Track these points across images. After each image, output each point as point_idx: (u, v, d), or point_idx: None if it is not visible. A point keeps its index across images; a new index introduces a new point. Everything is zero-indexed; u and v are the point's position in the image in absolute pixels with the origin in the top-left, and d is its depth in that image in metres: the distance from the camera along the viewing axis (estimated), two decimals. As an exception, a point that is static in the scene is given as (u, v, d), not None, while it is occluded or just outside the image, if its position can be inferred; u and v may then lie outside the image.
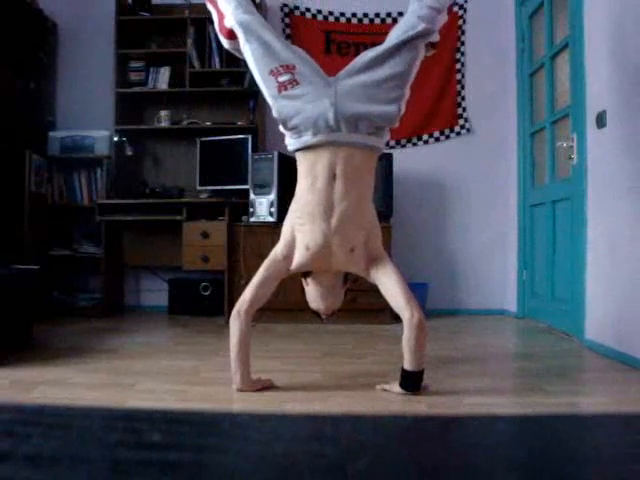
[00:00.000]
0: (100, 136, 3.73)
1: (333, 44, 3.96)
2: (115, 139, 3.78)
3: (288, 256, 1.88)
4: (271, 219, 3.36)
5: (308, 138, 1.82)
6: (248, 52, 1.91)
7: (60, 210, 3.78)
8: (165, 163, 4.02)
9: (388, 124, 1.86)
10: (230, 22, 1.95)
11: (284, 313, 3.28)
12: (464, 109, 3.93)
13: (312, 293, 1.98)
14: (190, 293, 3.72)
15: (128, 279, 4.02)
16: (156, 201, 3.61)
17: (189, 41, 3.76)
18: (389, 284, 1.85)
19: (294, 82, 1.82)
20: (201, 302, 3.70)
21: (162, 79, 3.85)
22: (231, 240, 3.46)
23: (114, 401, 1.75)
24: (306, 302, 2.03)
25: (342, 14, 3.99)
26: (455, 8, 3.93)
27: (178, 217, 3.51)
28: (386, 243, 3.38)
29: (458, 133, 3.93)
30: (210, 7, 2.08)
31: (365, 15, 3.98)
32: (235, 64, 3.75)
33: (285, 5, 3.97)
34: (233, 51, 2.05)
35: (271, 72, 1.85)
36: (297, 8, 3.98)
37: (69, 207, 3.78)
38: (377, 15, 3.97)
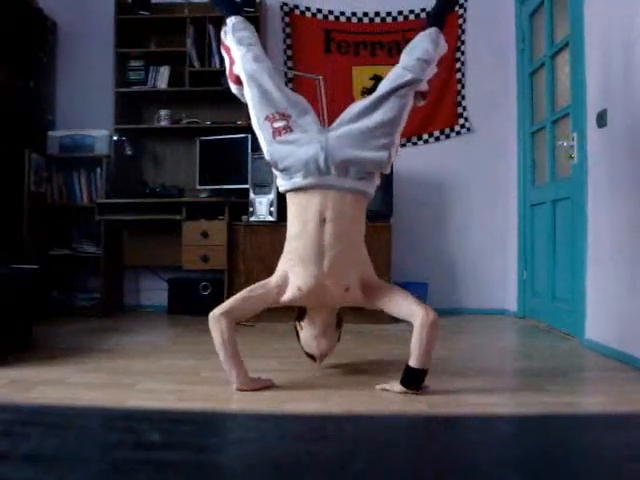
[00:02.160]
0: (100, 135, 3.73)
1: (333, 43, 3.96)
2: (115, 138, 3.78)
3: (281, 287, 1.89)
4: (271, 218, 3.36)
5: (299, 180, 1.86)
6: (249, 97, 1.98)
7: (59, 209, 3.77)
8: (165, 162, 4.02)
9: (378, 170, 1.91)
10: (238, 69, 2.02)
11: (284, 313, 3.26)
12: (464, 108, 3.93)
13: (306, 337, 2.02)
14: (190, 293, 3.72)
15: (128, 279, 4.02)
16: (156, 200, 3.60)
17: (189, 40, 3.75)
18: (393, 303, 1.87)
19: (288, 129, 1.88)
20: (201, 302, 3.69)
21: (162, 78, 3.85)
22: (231, 240, 3.45)
23: (114, 401, 1.75)
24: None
25: (342, 13, 3.98)
26: (455, 7, 3.92)
27: (178, 217, 3.51)
28: (386, 243, 3.40)
29: (458, 132, 3.93)
30: (224, 53, 2.16)
31: (365, 14, 3.98)
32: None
33: (285, 4, 3.97)
34: (239, 97, 2.11)
35: (267, 118, 1.91)
36: (297, 7, 3.98)
37: (68, 206, 3.78)
38: (377, 14, 3.97)
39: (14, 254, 3.28)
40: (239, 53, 2.02)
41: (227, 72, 2.13)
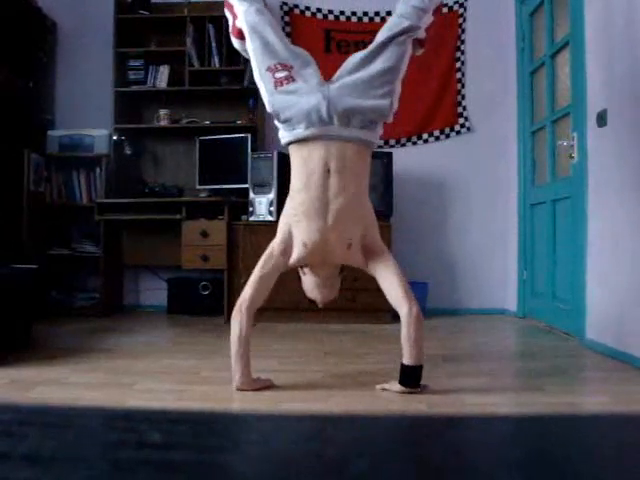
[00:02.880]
0: (99, 135, 3.72)
1: (333, 42, 3.95)
2: (114, 138, 3.78)
3: (285, 252, 1.89)
4: (270, 218, 3.35)
5: (300, 131, 1.84)
6: (251, 50, 1.96)
7: (59, 209, 3.77)
8: (164, 162, 4.01)
9: (381, 118, 1.89)
10: (240, 22, 2.00)
11: (284, 313, 3.27)
12: (464, 108, 3.93)
13: (309, 283, 2.01)
14: (189, 292, 3.71)
15: (127, 278, 4.02)
16: (155, 200, 3.60)
17: (188, 40, 3.75)
18: (388, 276, 1.86)
19: (290, 79, 1.87)
20: (200, 301, 3.69)
21: (161, 78, 3.85)
22: (230, 239, 3.45)
23: (113, 401, 1.75)
24: (304, 295, 2.04)
25: (342, 12, 3.98)
26: (455, 6, 3.92)
27: (177, 216, 3.51)
28: (386, 242, 3.36)
29: (458, 132, 3.93)
30: (227, 11, 2.13)
31: (365, 14, 3.97)
32: (234, 63, 3.74)
33: (285, 3, 3.96)
34: (242, 52, 2.09)
35: (269, 69, 1.90)
36: (297, 6, 3.97)
37: (68, 206, 3.77)
38: (377, 14, 3.96)
39: (13, 254, 3.27)
40: (241, 8, 2.00)
41: (230, 28, 2.10)
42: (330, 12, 3.98)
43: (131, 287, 4.02)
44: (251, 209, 3.43)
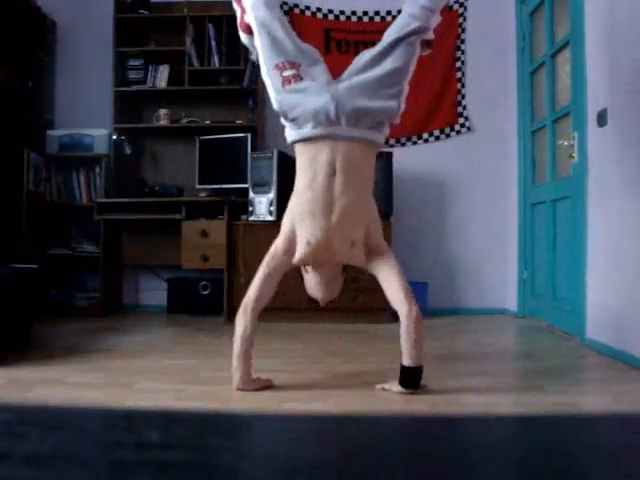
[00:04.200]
0: (99, 135, 3.72)
1: (333, 42, 3.95)
2: (114, 138, 3.77)
3: (289, 250, 1.88)
4: (270, 218, 3.35)
5: (308, 130, 1.83)
6: (259, 46, 1.95)
7: (58, 209, 3.76)
8: (164, 162, 4.01)
9: (389, 119, 1.89)
10: (249, 17, 1.98)
11: (284, 312, 3.27)
12: (464, 107, 3.92)
13: (311, 282, 2.00)
14: (189, 292, 3.71)
15: (127, 278, 4.01)
16: (155, 200, 3.59)
17: (188, 39, 3.74)
18: (389, 277, 1.86)
19: (298, 77, 1.85)
20: (200, 301, 3.69)
21: (161, 77, 3.84)
22: (230, 239, 3.45)
23: (113, 401, 1.74)
24: (305, 295, 2.04)
25: (342, 12, 3.98)
26: (455, 6, 3.92)
27: (177, 216, 3.50)
28: (386, 242, 3.38)
29: (458, 132, 3.93)
30: (235, 4, 2.11)
31: (365, 13, 3.97)
32: (234, 62, 3.74)
33: (285, 3, 3.96)
34: (250, 47, 2.07)
35: (276, 66, 1.88)
36: (296, 6, 3.97)
37: (68, 206, 3.77)
38: (377, 13, 3.96)
39: (13, 254, 3.27)
40: (250, 2, 1.98)
41: (238, 22, 2.08)
42: (330, 12, 3.98)
43: (131, 287, 4.01)
44: (251, 209, 3.43)
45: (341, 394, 1.84)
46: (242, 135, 3.67)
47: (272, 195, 3.34)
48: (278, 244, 1.91)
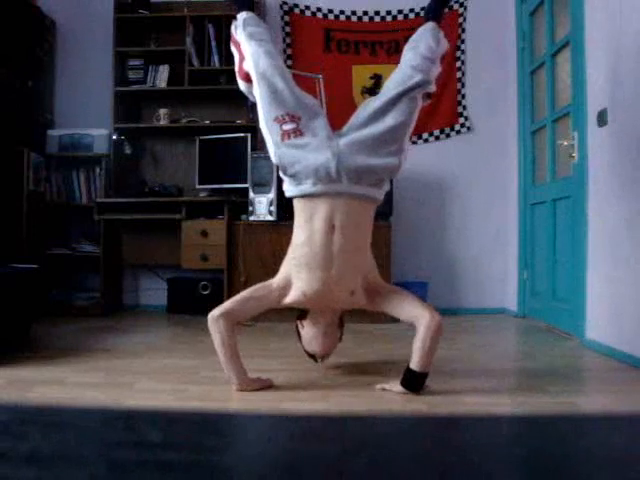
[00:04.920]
0: (99, 134, 3.72)
1: (332, 42, 3.95)
2: (114, 137, 3.77)
3: (283, 290, 1.86)
4: (270, 218, 3.35)
5: (307, 187, 1.82)
6: (258, 96, 1.92)
7: (58, 209, 3.77)
8: (164, 162, 4.01)
9: (389, 176, 1.89)
10: (248, 65, 1.97)
11: (284, 312, 3.26)
12: (464, 107, 3.92)
13: (308, 336, 1.99)
14: (189, 292, 3.71)
15: (127, 278, 4.01)
16: (155, 200, 3.59)
17: (188, 39, 3.74)
18: (398, 304, 1.86)
19: (298, 132, 1.83)
20: (200, 301, 3.69)
21: (161, 77, 3.84)
22: (230, 239, 3.45)
23: (113, 401, 1.74)
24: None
25: (342, 12, 3.98)
26: (455, 6, 3.92)
27: (177, 216, 3.50)
28: (386, 242, 3.39)
29: (458, 132, 3.93)
30: (233, 49, 2.10)
31: (365, 13, 3.97)
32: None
33: (285, 3, 3.96)
34: (248, 95, 2.05)
35: (276, 119, 1.86)
36: (296, 6, 3.97)
37: (68, 206, 3.77)
38: (377, 13, 3.96)
39: (13, 254, 3.27)
40: (250, 49, 1.96)
41: (236, 68, 2.07)
42: (330, 11, 3.98)
43: (131, 287, 4.01)
44: (251, 209, 3.43)
45: (341, 394, 1.84)
46: (242, 135, 3.67)
47: (272, 195, 3.34)
48: (275, 281, 1.89)
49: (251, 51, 1.96)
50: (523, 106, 3.66)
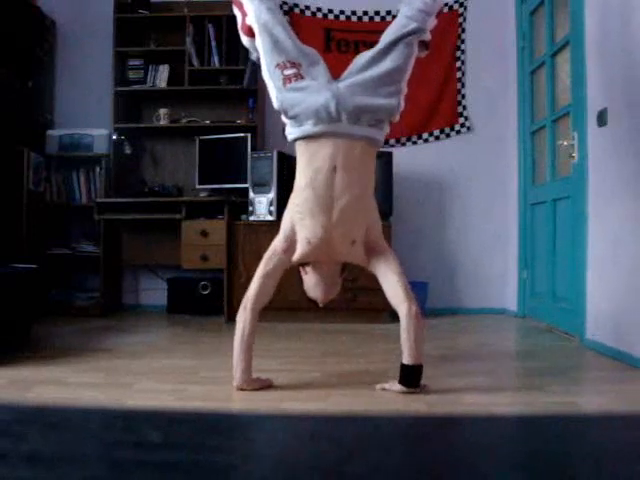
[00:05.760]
0: (99, 134, 3.72)
1: (333, 42, 3.95)
2: (114, 137, 3.77)
3: (288, 249, 1.89)
4: (270, 218, 3.35)
5: (309, 127, 1.85)
6: (260, 47, 1.97)
7: (58, 209, 3.77)
8: (164, 161, 4.01)
9: (389, 116, 1.91)
10: (250, 19, 2.01)
11: (284, 312, 3.27)
12: (464, 107, 3.92)
13: (310, 282, 2.00)
14: (189, 292, 3.71)
15: (127, 278, 4.01)
16: (155, 200, 3.59)
17: (188, 39, 3.74)
18: (388, 275, 1.87)
19: (299, 76, 1.88)
20: (200, 301, 3.69)
21: (161, 77, 3.84)
22: (230, 239, 3.44)
23: (113, 400, 1.74)
24: (305, 295, 2.05)
25: (342, 12, 3.97)
26: (455, 6, 3.92)
27: (177, 216, 3.50)
28: (386, 242, 3.38)
29: (458, 132, 3.92)
30: (235, 10, 2.13)
31: (365, 13, 3.97)
32: (234, 62, 3.74)
33: (285, 3, 3.96)
34: (251, 49, 2.09)
35: (277, 65, 1.91)
36: (296, 6, 3.97)
37: (67, 206, 3.77)
38: (377, 13, 3.96)
39: (13, 254, 3.27)
40: (252, 6, 2.00)
41: (239, 25, 2.10)
42: (330, 11, 3.98)
43: (131, 287, 4.01)
44: (251, 209, 3.43)
45: (341, 394, 1.84)
46: (242, 135, 3.67)
47: (272, 195, 3.34)
48: (277, 243, 1.91)
49: (253, 7, 2.00)
50: (523, 106, 3.66)
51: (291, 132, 1.91)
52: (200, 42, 3.78)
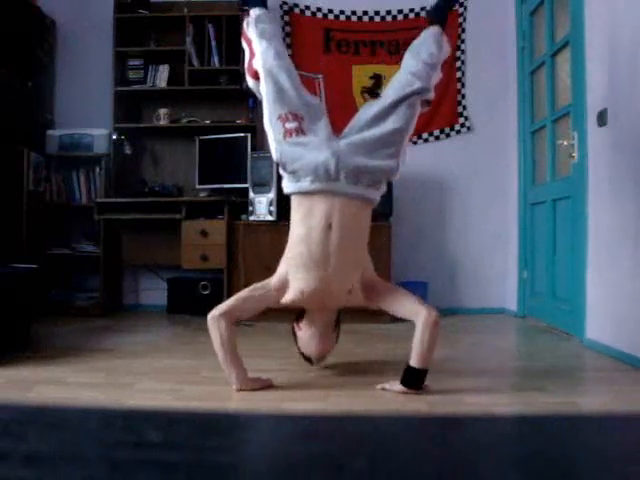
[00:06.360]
0: (99, 134, 3.72)
1: (332, 42, 3.95)
2: (114, 137, 3.77)
3: (280, 289, 1.88)
4: (270, 217, 3.35)
5: (306, 184, 1.84)
6: (264, 93, 1.97)
7: (58, 209, 3.76)
8: (164, 161, 4.01)
9: (387, 178, 1.92)
10: (257, 63, 2.00)
11: (284, 312, 3.26)
12: (464, 107, 3.92)
13: (304, 336, 2.01)
14: (189, 292, 3.71)
15: (127, 278, 4.01)
16: (155, 200, 3.59)
17: (188, 39, 3.74)
18: (395, 301, 1.87)
19: (300, 131, 1.87)
20: (200, 301, 3.68)
21: (161, 77, 3.84)
22: (230, 239, 3.45)
23: (113, 401, 1.74)
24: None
25: (342, 12, 3.97)
26: (456, 6, 3.91)
27: (177, 216, 3.50)
28: (386, 242, 3.39)
29: (458, 131, 3.93)
30: (244, 45, 2.13)
31: (365, 13, 3.97)
32: (234, 62, 3.74)
33: (285, 3, 3.96)
34: (255, 92, 2.09)
35: (280, 117, 1.90)
36: (296, 6, 3.97)
37: (67, 206, 3.77)
38: (377, 13, 3.96)
39: (13, 254, 3.27)
40: (260, 48, 1.99)
41: (246, 65, 2.09)
42: (330, 11, 3.98)
43: (131, 287, 4.01)
44: (251, 209, 3.43)
45: (341, 394, 1.84)
46: (242, 135, 3.67)
47: (272, 195, 3.34)
48: (272, 281, 1.90)
49: (261, 50, 1.99)
50: (523, 106, 3.66)
51: (288, 186, 1.91)
52: (200, 42, 3.78)
